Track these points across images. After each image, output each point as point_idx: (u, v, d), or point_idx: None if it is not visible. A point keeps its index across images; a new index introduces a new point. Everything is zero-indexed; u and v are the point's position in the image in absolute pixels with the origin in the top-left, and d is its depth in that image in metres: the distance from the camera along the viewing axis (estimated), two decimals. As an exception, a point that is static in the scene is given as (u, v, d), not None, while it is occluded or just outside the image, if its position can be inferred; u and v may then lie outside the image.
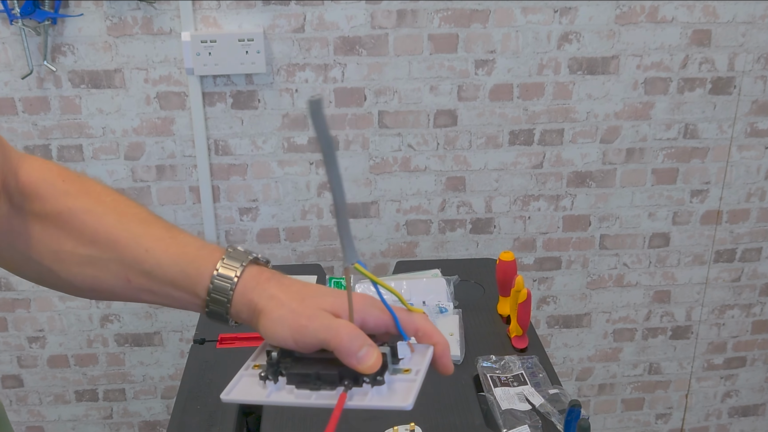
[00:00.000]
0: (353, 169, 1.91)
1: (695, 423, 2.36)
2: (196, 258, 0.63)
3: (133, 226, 0.64)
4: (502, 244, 2.03)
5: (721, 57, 1.88)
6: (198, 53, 1.72)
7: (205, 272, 0.61)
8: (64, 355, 2.05)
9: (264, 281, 0.61)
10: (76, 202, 0.65)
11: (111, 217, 0.65)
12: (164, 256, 0.62)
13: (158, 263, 0.62)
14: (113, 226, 0.64)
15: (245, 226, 1.95)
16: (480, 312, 1.45)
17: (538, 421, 1.15)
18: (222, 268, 0.61)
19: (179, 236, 0.65)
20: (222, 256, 0.62)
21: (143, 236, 0.63)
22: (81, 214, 0.64)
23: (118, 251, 0.63)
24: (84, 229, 0.63)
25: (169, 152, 1.86)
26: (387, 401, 0.58)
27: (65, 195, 0.65)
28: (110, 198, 0.66)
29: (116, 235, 0.63)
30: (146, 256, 0.62)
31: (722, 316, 2.21)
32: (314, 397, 0.59)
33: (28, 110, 1.79)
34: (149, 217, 0.66)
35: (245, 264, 0.62)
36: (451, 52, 1.81)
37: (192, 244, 0.64)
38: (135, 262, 0.62)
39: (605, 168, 1.98)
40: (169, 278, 0.62)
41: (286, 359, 0.60)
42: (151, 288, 0.63)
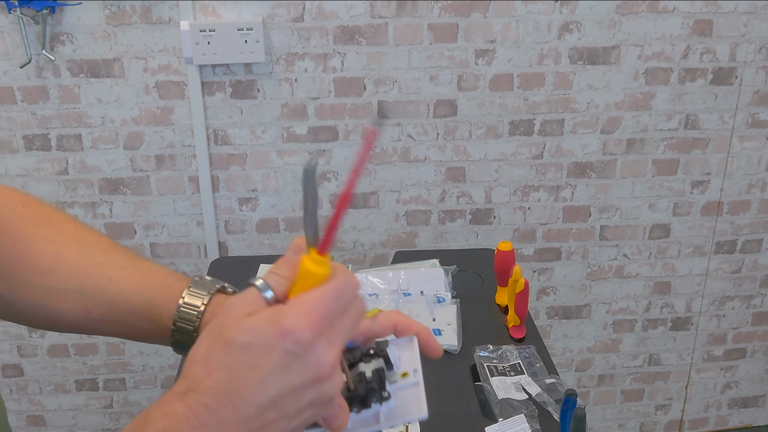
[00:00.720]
0: (352, 159, 1.90)
1: (695, 414, 2.36)
2: (162, 287, 0.60)
3: (95, 254, 0.62)
4: (502, 234, 2.03)
5: (723, 47, 1.87)
6: (197, 42, 1.71)
7: (171, 301, 0.59)
8: (64, 344, 2.06)
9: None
10: (35, 228, 0.62)
11: (72, 245, 0.62)
12: (128, 285, 0.60)
13: (121, 292, 0.60)
14: (74, 254, 0.61)
15: (244, 216, 1.95)
16: (478, 302, 1.44)
17: (535, 411, 1.15)
18: (188, 296, 0.59)
19: (143, 265, 0.62)
20: (188, 284, 0.60)
21: (105, 265, 0.61)
22: (40, 241, 0.61)
23: (79, 280, 0.60)
24: (42, 256, 0.61)
25: (168, 142, 1.85)
26: (403, 416, 0.56)
27: (24, 221, 0.62)
28: (71, 226, 0.64)
29: (77, 263, 0.61)
30: (108, 285, 0.60)
31: (722, 307, 2.21)
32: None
33: (26, 99, 1.78)
34: (111, 246, 0.63)
35: (212, 292, 0.60)
36: (451, 41, 1.80)
37: (156, 273, 0.61)
38: (96, 292, 0.60)
39: (606, 158, 1.97)
40: (132, 308, 0.60)
41: None
42: (113, 318, 0.60)
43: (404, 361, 0.58)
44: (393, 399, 0.56)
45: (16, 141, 1.82)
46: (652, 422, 2.36)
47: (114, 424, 2.18)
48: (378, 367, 0.56)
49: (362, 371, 0.55)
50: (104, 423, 2.18)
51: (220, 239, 1.97)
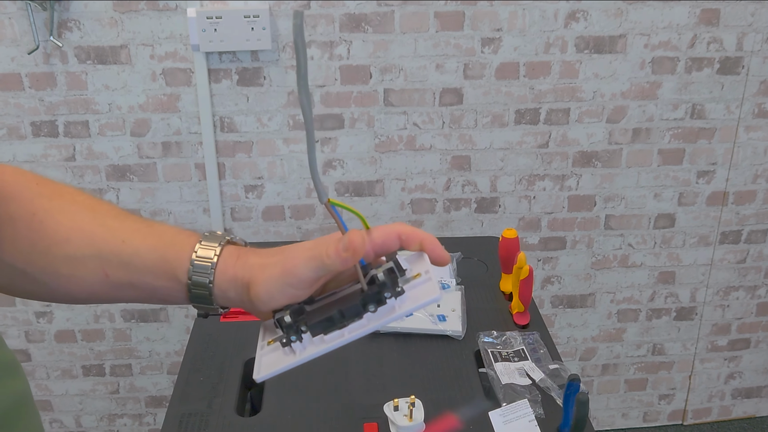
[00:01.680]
0: (358, 147, 1.91)
1: (698, 404, 2.37)
2: (174, 242, 0.62)
3: (108, 220, 0.64)
4: (507, 223, 2.03)
5: (730, 36, 1.87)
6: (204, 29, 1.72)
7: (184, 255, 0.61)
8: (71, 330, 2.07)
9: (243, 255, 0.62)
10: (50, 202, 0.64)
11: (85, 214, 0.64)
12: (142, 244, 0.62)
13: (136, 252, 0.61)
14: (88, 222, 0.63)
15: (250, 203, 1.96)
16: (482, 289, 1.45)
17: (538, 396, 1.16)
18: (200, 249, 0.61)
19: (155, 226, 0.64)
20: (199, 239, 0.62)
21: (119, 229, 0.63)
22: (55, 213, 0.63)
23: (95, 246, 0.62)
24: (58, 227, 0.62)
25: (174, 129, 1.86)
26: (417, 301, 0.58)
27: (39, 196, 0.64)
28: (83, 197, 0.66)
29: (91, 230, 0.63)
30: (123, 247, 0.62)
31: (727, 297, 2.21)
32: (347, 332, 0.59)
33: (34, 86, 1.79)
34: (123, 213, 0.66)
35: (223, 243, 0.62)
36: (457, 29, 1.80)
37: (168, 231, 0.63)
38: (112, 254, 0.61)
39: (611, 148, 1.97)
40: (148, 266, 0.61)
41: (299, 318, 0.59)
42: (131, 280, 0.62)
43: (415, 268, 0.61)
44: (406, 293, 0.58)
45: (23, 127, 1.83)
46: (655, 411, 2.37)
47: (120, 409, 2.20)
48: (388, 267, 0.58)
49: (374, 273, 0.58)
50: (111, 408, 2.20)
51: (226, 226, 1.98)
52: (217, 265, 0.60)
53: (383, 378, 1.23)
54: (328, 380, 1.21)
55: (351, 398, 1.18)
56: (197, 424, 1.12)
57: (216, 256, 0.61)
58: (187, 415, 1.14)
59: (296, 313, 0.60)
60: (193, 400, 1.17)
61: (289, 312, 0.59)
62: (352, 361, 1.25)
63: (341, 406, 1.16)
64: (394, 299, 0.58)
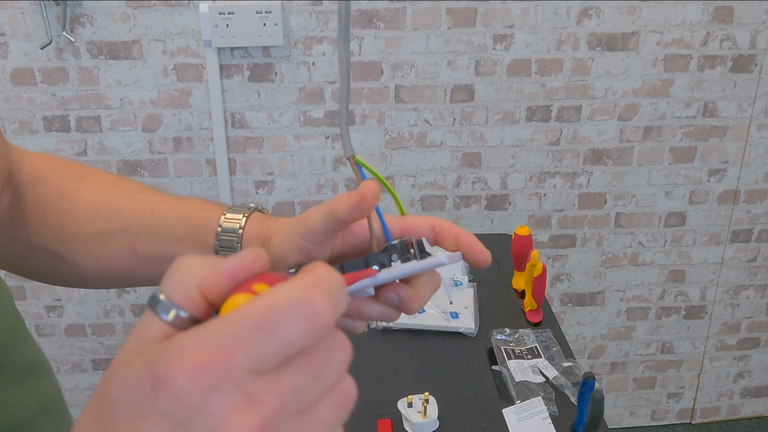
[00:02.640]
0: (369, 143, 1.91)
1: (707, 403, 2.36)
2: (202, 210, 0.62)
3: (136, 195, 0.64)
4: (517, 220, 2.03)
5: (743, 34, 1.86)
6: (216, 25, 1.72)
7: (213, 220, 0.61)
8: (82, 324, 2.08)
9: (269, 219, 0.62)
10: (79, 183, 0.65)
11: (113, 191, 0.65)
12: (170, 214, 0.62)
13: (164, 222, 0.62)
14: (116, 199, 0.64)
15: (261, 199, 1.96)
16: (495, 286, 1.45)
17: (552, 393, 1.16)
18: (229, 213, 0.61)
19: (182, 198, 0.65)
20: (226, 207, 0.62)
21: (147, 202, 0.64)
22: (84, 192, 0.64)
23: (123, 220, 0.62)
24: (87, 205, 0.63)
25: (186, 124, 1.86)
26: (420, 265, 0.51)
27: (68, 178, 0.65)
28: (111, 176, 0.67)
29: (120, 205, 0.63)
30: (152, 219, 0.62)
31: (737, 296, 2.21)
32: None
33: (46, 81, 1.79)
34: (151, 189, 0.66)
35: (250, 211, 0.62)
36: (469, 26, 1.80)
37: (196, 201, 0.64)
38: (141, 227, 0.62)
39: (622, 146, 1.97)
40: (176, 235, 0.62)
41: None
42: (159, 252, 0.62)
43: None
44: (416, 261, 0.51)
45: (36, 122, 1.84)
46: (663, 410, 2.37)
47: (130, 403, 2.20)
48: (406, 240, 0.52)
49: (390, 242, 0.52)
50: (120, 403, 2.20)
51: (237, 222, 1.98)
52: (245, 227, 0.60)
53: (396, 374, 1.23)
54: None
55: (364, 394, 1.18)
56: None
57: (244, 218, 0.60)
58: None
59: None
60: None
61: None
62: (365, 357, 1.25)
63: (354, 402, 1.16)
64: (400, 263, 0.52)
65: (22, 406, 0.54)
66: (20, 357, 0.59)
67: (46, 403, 0.57)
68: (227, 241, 0.60)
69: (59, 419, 0.59)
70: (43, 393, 0.58)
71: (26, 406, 0.55)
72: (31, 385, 0.56)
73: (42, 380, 0.58)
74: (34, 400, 0.55)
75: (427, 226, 0.54)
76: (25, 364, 0.60)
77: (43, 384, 0.58)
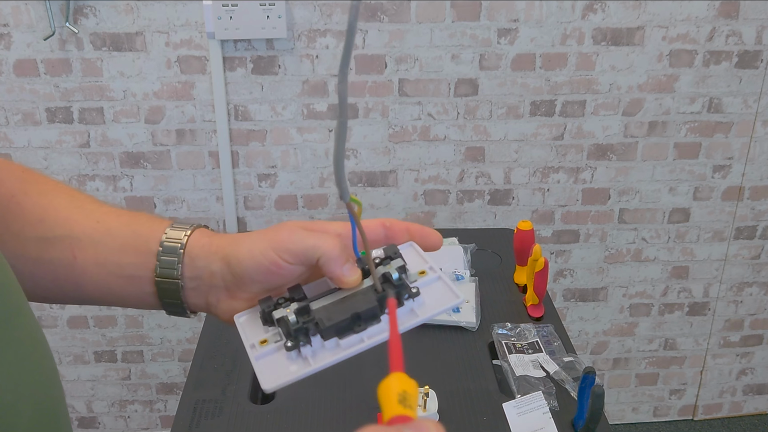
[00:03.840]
0: (372, 136, 1.91)
1: (709, 400, 2.36)
2: (149, 220, 0.62)
3: (85, 204, 0.64)
4: (520, 215, 2.03)
5: (749, 30, 1.85)
6: (219, 17, 1.71)
7: (158, 228, 0.61)
8: (84, 316, 2.08)
9: (217, 234, 0.62)
10: (31, 186, 0.64)
11: (64, 197, 0.64)
12: (115, 222, 0.62)
13: (108, 231, 0.61)
14: (64, 205, 0.63)
15: (263, 192, 1.96)
16: (496, 280, 1.45)
17: (552, 388, 1.15)
18: (176, 224, 0.61)
19: (130, 211, 0.65)
20: (173, 221, 0.62)
21: (95, 211, 0.63)
22: (34, 195, 0.63)
23: (68, 227, 0.61)
24: (35, 209, 0.62)
25: (189, 116, 1.86)
26: (439, 306, 0.55)
27: (21, 181, 0.65)
28: (66, 187, 0.66)
29: (67, 212, 0.63)
30: (97, 227, 0.62)
31: (740, 293, 2.20)
32: (366, 338, 0.55)
33: (50, 72, 1.79)
34: (102, 202, 0.66)
35: (193, 226, 0.62)
36: (473, 20, 1.79)
37: (145, 214, 0.64)
38: (84, 235, 0.61)
39: (627, 141, 1.96)
40: (119, 243, 0.61)
41: (308, 318, 0.54)
42: (97, 259, 0.61)
43: (413, 265, 0.57)
44: (422, 296, 0.55)
45: (38, 113, 1.84)
46: (665, 406, 2.36)
47: (131, 395, 2.21)
48: (399, 265, 0.55)
49: (386, 272, 0.55)
50: (122, 394, 2.21)
51: (239, 215, 1.98)
52: (191, 234, 0.60)
53: (397, 368, 1.22)
54: (341, 370, 1.20)
55: (364, 388, 1.18)
56: (211, 411, 1.12)
57: (191, 229, 0.61)
58: (201, 401, 1.14)
59: (302, 313, 0.55)
60: (207, 386, 1.17)
61: (293, 311, 0.55)
62: (366, 351, 1.25)
63: (355, 395, 1.16)
64: (412, 300, 0.55)
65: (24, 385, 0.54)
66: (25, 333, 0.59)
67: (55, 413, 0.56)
68: (171, 248, 0.59)
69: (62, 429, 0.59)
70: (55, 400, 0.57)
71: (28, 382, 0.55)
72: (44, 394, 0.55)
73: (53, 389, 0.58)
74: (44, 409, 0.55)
75: (378, 225, 0.57)
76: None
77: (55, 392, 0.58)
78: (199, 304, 0.61)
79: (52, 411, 0.57)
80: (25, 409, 0.53)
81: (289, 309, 0.55)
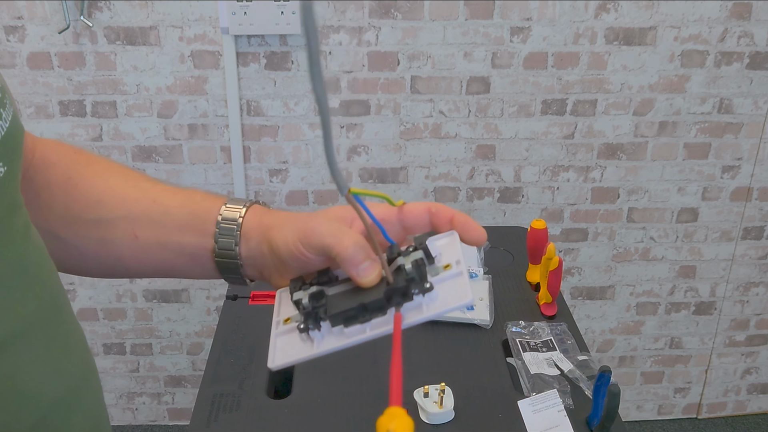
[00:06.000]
0: (383, 133, 1.91)
1: (713, 398, 2.37)
2: (204, 199, 0.64)
3: (140, 183, 0.66)
4: (530, 213, 2.03)
5: (761, 31, 1.85)
6: (233, 12, 1.72)
7: (214, 209, 0.62)
8: (94, 308, 2.09)
9: (271, 210, 0.63)
10: (85, 168, 0.66)
11: (119, 178, 0.66)
12: (172, 202, 0.64)
13: (166, 210, 0.63)
14: (121, 185, 0.65)
15: (274, 187, 1.97)
16: (509, 279, 1.46)
17: (567, 386, 1.16)
18: (229, 203, 0.63)
19: (185, 188, 0.66)
20: (227, 199, 0.64)
21: (150, 190, 0.65)
22: (90, 177, 0.65)
23: (126, 206, 0.63)
24: (92, 191, 0.64)
25: (201, 111, 1.87)
26: (446, 304, 0.53)
27: (75, 163, 0.66)
28: (117, 165, 0.68)
29: (124, 192, 0.64)
30: (154, 206, 0.63)
31: (747, 293, 2.21)
32: (369, 329, 0.54)
33: (63, 65, 1.80)
34: (153, 179, 0.68)
35: (250, 202, 0.63)
36: (486, 18, 1.80)
37: (197, 192, 0.65)
38: (143, 214, 0.63)
39: (637, 141, 1.96)
40: (177, 222, 0.63)
41: (319, 303, 0.55)
42: (158, 239, 0.63)
43: (445, 255, 0.56)
44: (436, 290, 0.54)
45: (51, 106, 1.84)
46: (670, 405, 2.37)
47: (140, 387, 2.22)
48: (417, 258, 0.53)
49: (401, 264, 0.53)
50: (130, 387, 2.22)
51: (250, 210, 1.99)
52: (245, 216, 0.61)
53: (411, 365, 1.23)
54: (357, 365, 1.22)
55: (380, 383, 1.18)
56: (229, 404, 1.13)
57: (245, 208, 0.62)
58: (219, 395, 1.15)
59: (315, 298, 0.55)
60: (224, 380, 1.18)
61: (308, 295, 0.55)
62: (381, 347, 1.26)
63: (370, 390, 1.17)
64: (422, 296, 0.53)
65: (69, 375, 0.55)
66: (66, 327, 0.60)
67: (86, 375, 0.58)
68: (227, 229, 0.61)
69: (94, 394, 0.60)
70: (86, 362, 0.59)
71: (73, 375, 0.56)
72: (74, 356, 0.57)
73: (84, 351, 0.59)
74: (76, 370, 0.56)
75: (424, 210, 0.56)
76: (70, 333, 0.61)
77: (86, 355, 0.59)
78: (257, 275, 0.63)
79: (96, 402, 0.58)
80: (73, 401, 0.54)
81: (307, 292, 0.56)
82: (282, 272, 0.60)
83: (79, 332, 0.59)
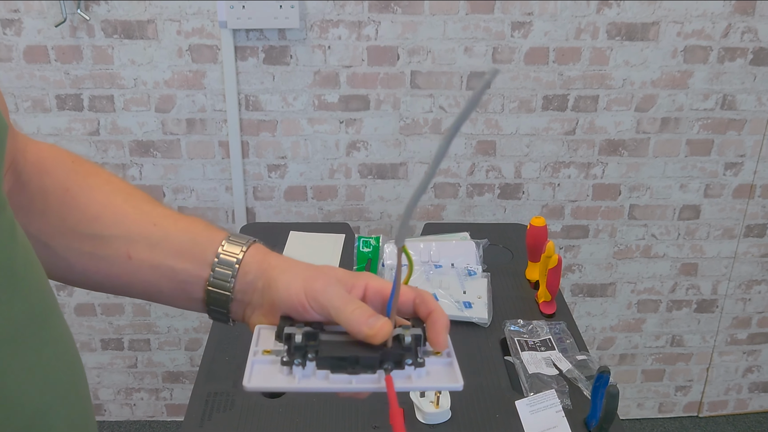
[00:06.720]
0: (383, 129, 1.90)
1: (714, 397, 2.36)
2: (206, 229, 0.63)
3: (141, 204, 0.64)
4: (530, 210, 2.02)
5: (765, 27, 1.83)
6: (232, 6, 1.70)
7: (216, 239, 0.62)
8: (91, 303, 2.08)
9: (271, 253, 0.63)
10: (84, 179, 0.64)
11: (119, 195, 0.64)
12: (173, 228, 0.63)
13: (166, 235, 0.62)
14: (121, 203, 0.64)
15: (273, 182, 1.95)
16: (508, 276, 1.44)
17: (565, 386, 1.15)
18: (233, 237, 0.62)
19: (187, 215, 0.66)
20: (229, 234, 0.63)
21: (151, 213, 0.63)
22: (89, 190, 0.63)
23: (125, 226, 0.62)
24: (90, 205, 0.63)
25: (199, 106, 1.85)
26: (438, 382, 0.57)
27: (74, 173, 0.65)
28: (117, 180, 0.67)
29: (123, 211, 0.63)
30: (154, 230, 0.62)
31: (749, 291, 2.19)
32: (355, 381, 0.56)
33: (60, 59, 1.78)
34: (155, 200, 0.66)
35: (253, 240, 0.63)
36: (487, 12, 1.78)
37: (201, 222, 0.64)
38: (141, 237, 0.62)
39: (639, 137, 1.95)
40: (175, 247, 0.62)
41: (311, 342, 0.57)
42: (153, 261, 0.61)
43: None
44: (425, 369, 0.57)
45: (48, 100, 1.83)
46: (671, 403, 2.36)
47: (138, 383, 2.21)
48: (416, 333, 0.57)
49: (400, 334, 0.56)
50: (128, 382, 2.21)
51: (248, 205, 1.98)
52: (247, 250, 0.61)
53: (408, 363, 1.22)
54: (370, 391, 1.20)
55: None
56: (223, 403, 1.12)
57: (247, 245, 0.62)
58: (213, 393, 1.14)
59: (308, 337, 0.57)
60: (218, 379, 1.17)
61: (302, 333, 0.57)
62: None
63: (366, 390, 1.16)
64: (413, 368, 0.56)
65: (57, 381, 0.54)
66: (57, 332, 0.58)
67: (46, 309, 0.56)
68: (227, 261, 0.61)
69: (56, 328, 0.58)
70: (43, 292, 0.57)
71: (61, 381, 0.54)
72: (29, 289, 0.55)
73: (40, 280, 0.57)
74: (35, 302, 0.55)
75: (411, 297, 0.59)
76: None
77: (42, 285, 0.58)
78: (238, 314, 0.63)
79: (83, 410, 0.57)
80: (60, 408, 0.53)
81: (300, 330, 0.57)
82: (266, 312, 0.61)
83: (69, 336, 0.57)
